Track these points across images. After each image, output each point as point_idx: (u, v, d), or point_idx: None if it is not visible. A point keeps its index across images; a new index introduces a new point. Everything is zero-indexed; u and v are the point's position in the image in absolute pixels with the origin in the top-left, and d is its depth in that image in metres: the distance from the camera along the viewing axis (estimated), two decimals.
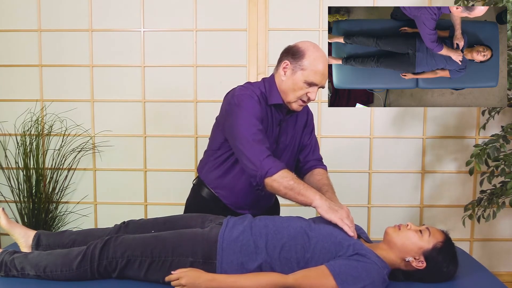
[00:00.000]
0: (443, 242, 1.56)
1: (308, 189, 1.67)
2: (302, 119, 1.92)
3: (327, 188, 1.85)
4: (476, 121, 2.85)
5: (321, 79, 1.73)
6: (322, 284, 1.45)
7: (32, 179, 2.83)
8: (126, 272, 1.59)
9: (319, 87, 1.75)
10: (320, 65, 1.71)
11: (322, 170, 1.97)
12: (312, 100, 1.76)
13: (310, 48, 1.74)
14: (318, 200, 1.65)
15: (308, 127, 1.95)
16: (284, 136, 1.85)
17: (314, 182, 1.87)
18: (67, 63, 2.91)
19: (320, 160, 2.01)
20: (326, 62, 1.74)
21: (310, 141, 1.96)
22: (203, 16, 2.86)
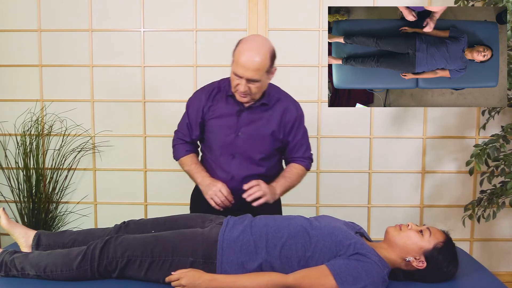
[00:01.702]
0: (444, 242, 1.56)
1: (196, 173, 1.94)
2: (277, 114, 1.93)
3: (280, 177, 1.95)
4: (476, 121, 2.85)
5: (243, 72, 1.75)
6: (322, 283, 1.45)
7: (32, 179, 2.83)
8: (126, 272, 1.59)
9: (248, 80, 1.77)
10: (242, 57, 1.75)
11: (296, 164, 2.00)
12: (242, 91, 1.80)
13: (244, 40, 1.82)
14: (199, 180, 1.91)
15: (288, 124, 1.95)
16: (245, 127, 1.90)
17: (282, 172, 2.01)
18: (67, 63, 2.91)
19: (303, 158, 2.01)
20: (251, 55, 1.75)
21: (294, 140, 1.98)
22: (203, 16, 2.86)
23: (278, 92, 2.00)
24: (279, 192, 1.91)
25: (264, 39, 1.89)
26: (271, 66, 1.84)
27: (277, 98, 1.96)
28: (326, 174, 2.92)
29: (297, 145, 1.99)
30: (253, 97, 1.86)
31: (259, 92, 1.86)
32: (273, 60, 1.84)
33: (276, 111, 1.94)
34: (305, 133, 2.02)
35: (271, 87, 1.98)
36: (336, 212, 2.74)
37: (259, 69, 1.77)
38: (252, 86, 1.80)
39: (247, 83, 1.79)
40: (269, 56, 1.80)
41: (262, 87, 1.86)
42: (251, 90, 1.81)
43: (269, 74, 1.85)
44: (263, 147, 1.93)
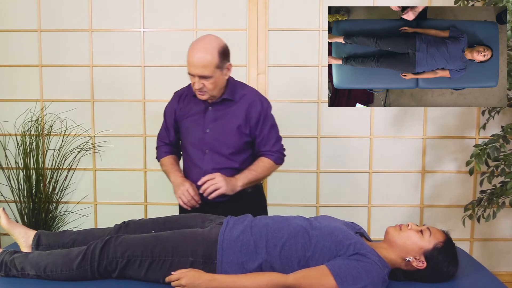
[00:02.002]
0: (444, 242, 1.56)
1: (171, 172, 2.05)
2: (242, 109, 1.97)
3: (245, 170, 1.98)
4: (476, 121, 2.85)
5: (193, 70, 1.86)
6: (322, 283, 1.45)
7: (32, 179, 2.83)
8: (126, 272, 1.59)
9: (200, 77, 1.86)
10: (191, 56, 1.86)
11: (264, 158, 2.02)
12: (197, 89, 1.88)
13: (194, 42, 1.91)
14: (172, 179, 2.02)
15: (253, 119, 1.97)
16: (213, 123, 1.98)
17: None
18: (67, 63, 2.91)
19: (271, 152, 2.01)
20: (199, 53, 1.84)
21: (261, 134, 2.00)
22: (203, 16, 2.86)
23: (244, 88, 2.04)
24: (240, 184, 1.93)
25: (214, 37, 1.94)
26: (223, 62, 1.89)
27: (242, 93, 2.00)
28: (326, 174, 2.92)
29: (264, 139, 2.01)
30: (211, 94, 1.92)
31: (216, 88, 1.92)
32: (224, 56, 1.90)
33: (241, 106, 1.97)
34: (272, 127, 2.03)
35: (238, 84, 2.04)
36: (336, 212, 2.74)
37: (206, 65, 1.84)
38: (206, 83, 1.87)
39: (200, 80, 1.86)
40: (217, 52, 1.87)
41: (218, 83, 1.91)
42: (206, 86, 1.88)
43: (223, 70, 1.91)
44: (231, 142, 1.98)
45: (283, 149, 2.07)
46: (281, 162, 2.06)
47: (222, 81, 1.93)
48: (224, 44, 1.93)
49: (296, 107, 2.88)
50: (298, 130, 2.89)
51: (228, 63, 1.93)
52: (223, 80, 1.94)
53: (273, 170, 2.05)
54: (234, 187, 1.91)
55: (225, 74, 1.93)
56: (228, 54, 1.93)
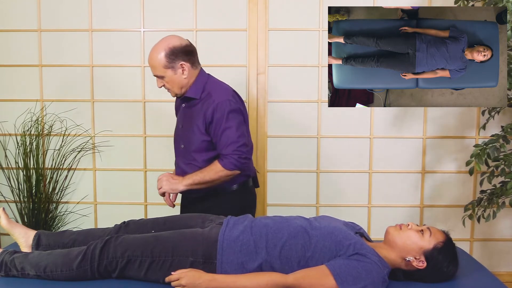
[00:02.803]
0: (444, 242, 1.56)
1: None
2: (201, 110, 1.99)
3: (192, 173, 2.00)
4: (476, 121, 2.85)
5: (151, 70, 1.98)
6: (322, 283, 1.45)
7: (32, 179, 2.83)
8: (126, 272, 1.59)
9: (157, 77, 1.98)
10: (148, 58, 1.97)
11: (215, 162, 1.98)
12: (159, 87, 2.01)
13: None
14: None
15: (208, 119, 1.97)
16: (183, 120, 2.07)
17: None
18: (67, 63, 2.91)
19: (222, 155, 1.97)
20: (150, 55, 1.95)
21: (215, 136, 1.98)
22: (203, 16, 2.86)
23: (213, 87, 2.02)
24: (184, 184, 1.95)
25: (167, 38, 1.99)
26: (172, 63, 1.93)
27: (207, 92, 2.00)
28: (326, 174, 2.92)
29: (217, 141, 1.98)
30: (175, 91, 2.01)
31: (175, 86, 1.99)
32: (173, 57, 1.93)
33: (203, 106, 1.99)
34: (227, 129, 1.94)
35: (211, 82, 2.04)
36: (336, 212, 2.74)
37: (154, 66, 1.94)
38: (164, 82, 1.98)
39: (158, 79, 1.99)
40: (164, 53, 1.92)
41: (175, 82, 1.97)
42: (166, 85, 1.99)
43: (174, 70, 1.95)
44: (193, 140, 2.01)
45: (238, 153, 1.94)
46: (234, 168, 1.94)
47: (179, 80, 1.97)
48: (175, 44, 1.95)
49: (296, 107, 2.88)
50: (298, 130, 2.89)
51: (180, 63, 1.94)
52: (180, 79, 1.97)
53: (224, 175, 1.94)
54: (175, 187, 1.96)
55: (180, 73, 1.96)
56: (180, 54, 1.94)
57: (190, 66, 1.98)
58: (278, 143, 2.91)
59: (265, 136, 2.88)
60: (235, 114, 1.96)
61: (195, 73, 2.00)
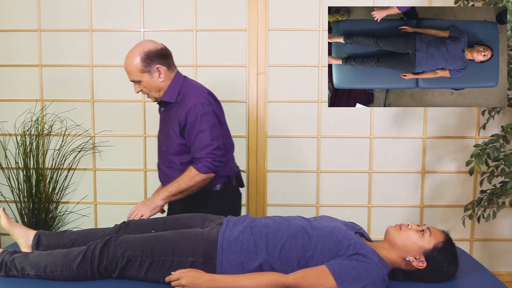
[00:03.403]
0: (444, 242, 1.56)
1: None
2: (176, 113, 2.01)
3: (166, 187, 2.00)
4: (476, 121, 2.85)
5: (127, 75, 1.99)
6: (322, 283, 1.45)
7: (32, 179, 2.83)
8: (126, 272, 1.59)
9: (133, 82, 1.99)
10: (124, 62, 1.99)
11: (190, 166, 1.98)
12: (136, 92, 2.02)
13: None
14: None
15: (182, 122, 1.98)
16: (162, 123, 2.12)
17: None
18: (67, 63, 2.91)
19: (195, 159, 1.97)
20: (125, 61, 1.96)
21: (189, 140, 1.99)
22: (203, 16, 2.86)
23: (188, 90, 2.03)
24: (160, 198, 1.96)
25: (142, 42, 2.01)
26: (148, 67, 1.95)
27: (183, 96, 2.01)
28: (326, 174, 2.92)
29: (191, 145, 1.98)
30: (154, 95, 2.03)
31: (153, 90, 2.01)
32: (148, 60, 1.95)
33: (178, 109, 2.00)
34: (200, 132, 1.95)
35: (186, 86, 2.05)
36: (336, 212, 2.74)
37: (130, 71, 1.96)
38: (141, 86, 1.99)
39: (135, 84, 2.00)
40: (140, 57, 1.94)
41: (152, 86, 1.99)
42: (143, 90, 2.01)
43: (151, 73, 1.97)
44: (171, 143, 2.04)
45: (212, 156, 1.94)
46: (209, 171, 1.94)
47: (155, 84, 1.99)
48: (150, 48, 1.96)
49: (296, 107, 2.88)
50: (298, 130, 2.89)
51: (157, 66, 1.96)
52: (157, 82, 1.99)
53: (200, 179, 1.94)
54: (153, 205, 1.95)
55: (157, 77, 1.98)
56: (155, 57, 1.96)
57: (166, 69, 1.99)
58: (278, 143, 2.91)
59: (265, 136, 2.89)
60: (209, 116, 1.97)
61: (171, 76, 2.02)
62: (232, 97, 2.87)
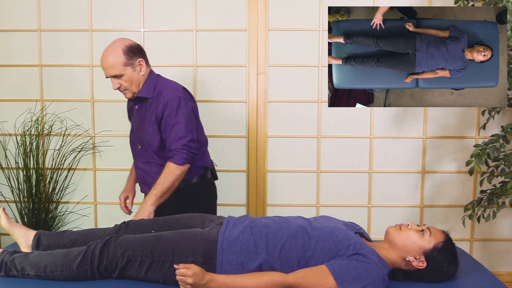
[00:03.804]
0: (444, 242, 1.56)
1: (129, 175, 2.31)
2: (153, 107, 2.03)
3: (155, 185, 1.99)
4: (476, 121, 2.85)
5: (105, 72, 2.00)
6: (322, 283, 1.45)
7: (32, 179, 2.83)
8: (126, 272, 1.59)
9: (113, 77, 1.99)
10: (100, 61, 2.00)
11: (167, 164, 1.99)
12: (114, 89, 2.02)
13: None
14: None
15: (158, 115, 2.01)
16: (138, 121, 2.10)
17: None
18: (67, 63, 2.91)
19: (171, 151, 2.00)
20: (103, 56, 1.98)
21: (165, 132, 2.01)
22: (203, 16, 2.86)
23: (163, 86, 2.07)
24: (150, 204, 1.95)
25: (119, 39, 2.03)
26: (131, 60, 1.98)
27: (159, 91, 2.04)
28: (326, 174, 2.92)
29: (167, 137, 2.01)
30: (132, 91, 2.03)
31: (134, 85, 2.02)
32: (131, 53, 1.99)
33: (155, 104, 2.02)
34: (176, 124, 1.99)
35: (160, 81, 2.09)
36: (336, 212, 2.74)
37: (112, 65, 1.96)
38: (121, 81, 1.99)
39: (115, 80, 1.99)
40: (122, 51, 1.97)
41: (133, 80, 2.01)
42: (123, 85, 2.00)
43: (133, 67, 2.00)
44: (151, 139, 2.04)
45: (187, 148, 1.98)
46: (185, 162, 1.98)
47: (137, 78, 2.02)
48: (130, 42, 2.01)
49: (296, 107, 2.88)
50: (298, 130, 2.89)
51: (138, 59, 2.00)
52: (138, 76, 2.02)
53: (180, 173, 1.98)
54: (147, 215, 1.94)
55: (138, 70, 2.01)
56: (136, 51, 2.02)
57: (145, 63, 2.04)
58: (278, 143, 2.91)
59: (265, 136, 2.89)
60: (184, 110, 2.01)
61: (147, 71, 2.06)
62: (232, 97, 2.87)
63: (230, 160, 2.91)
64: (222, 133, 2.90)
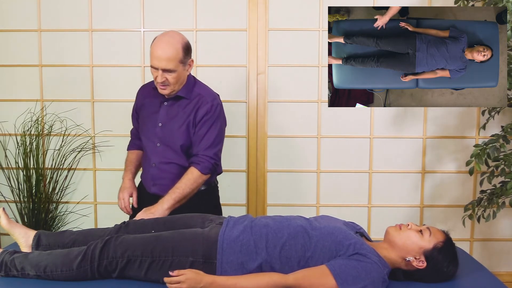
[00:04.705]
0: (444, 242, 1.56)
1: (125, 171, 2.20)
2: (193, 108, 2.00)
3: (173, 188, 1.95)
4: (476, 121, 2.85)
5: (157, 63, 1.89)
6: (322, 283, 1.45)
7: (32, 179, 2.83)
8: (126, 272, 1.59)
9: (163, 70, 1.89)
10: (155, 49, 1.90)
11: (191, 169, 1.98)
12: (161, 83, 1.92)
13: (157, 37, 1.95)
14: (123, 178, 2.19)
15: (197, 117, 1.99)
16: (165, 118, 2.03)
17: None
18: (67, 63, 2.91)
19: (203, 156, 1.98)
20: (163, 47, 1.88)
21: (198, 132, 1.99)
22: (203, 16, 2.86)
23: (200, 87, 2.06)
24: (166, 207, 1.90)
25: (177, 33, 1.98)
26: (186, 58, 1.94)
27: (197, 93, 2.02)
28: (326, 174, 2.92)
29: (199, 138, 1.99)
30: (173, 88, 1.96)
31: (177, 83, 1.96)
32: (187, 52, 1.95)
33: (193, 106, 2.00)
34: (213, 129, 1.98)
35: (197, 83, 2.07)
36: (336, 212, 2.74)
37: (170, 58, 1.88)
38: (169, 77, 1.91)
39: (164, 74, 1.90)
40: (181, 47, 1.91)
41: (180, 78, 1.95)
42: (169, 80, 1.92)
43: (185, 66, 1.96)
44: (180, 139, 2.00)
45: (215, 158, 1.99)
46: (209, 173, 1.98)
47: (184, 76, 1.98)
48: (187, 40, 1.98)
49: (296, 107, 2.88)
50: (298, 130, 2.89)
51: (190, 59, 1.98)
52: (185, 75, 1.99)
53: (201, 181, 1.98)
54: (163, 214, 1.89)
55: (187, 69, 1.98)
56: (190, 51, 1.98)
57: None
58: (278, 143, 2.91)
59: (265, 136, 2.89)
60: (222, 120, 2.04)
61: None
62: (232, 97, 2.87)
63: (230, 160, 2.90)
64: None
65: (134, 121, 2.24)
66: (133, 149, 2.24)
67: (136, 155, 2.21)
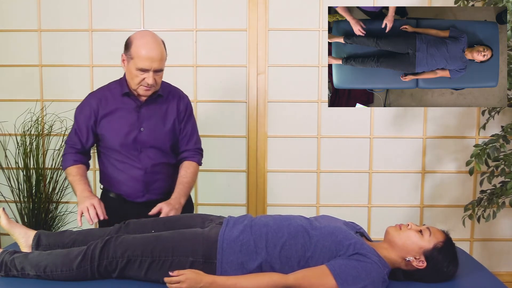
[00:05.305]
0: (444, 242, 1.56)
1: (78, 184, 1.91)
2: (173, 104, 2.00)
3: (179, 184, 1.96)
4: (476, 121, 2.85)
5: (149, 64, 1.82)
6: (322, 283, 1.45)
7: (32, 179, 2.83)
8: (126, 272, 1.59)
9: (155, 71, 1.83)
10: (143, 51, 1.82)
11: (188, 163, 2.01)
12: (151, 84, 1.84)
13: (137, 37, 1.87)
14: (79, 192, 1.88)
15: (181, 114, 2.00)
16: (147, 121, 1.95)
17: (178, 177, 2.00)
18: (67, 63, 2.91)
19: (194, 151, 2.04)
20: (151, 48, 1.82)
21: (185, 130, 2.01)
22: (203, 16, 2.86)
23: (167, 84, 2.06)
24: (183, 201, 1.94)
25: (151, 32, 1.94)
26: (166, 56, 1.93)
27: (168, 89, 2.02)
28: (326, 174, 2.92)
29: (187, 136, 2.03)
30: (156, 88, 1.92)
31: (160, 82, 1.93)
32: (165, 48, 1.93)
33: (172, 102, 2.00)
34: (195, 123, 2.07)
35: (165, 82, 2.06)
36: (336, 212, 2.74)
37: (163, 58, 1.86)
38: (157, 77, 1.87)
39: (154, 74, 1.84)
40: (164, 46, 1.90)
41: (162, 77, 1.94)
42: (157, 81, 1.88)
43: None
44: (168, 138, 1.99)
45: (201, 150, 2.10)
46: (201, 164, 2.08)
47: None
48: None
49: (296, 107, 2.88)
50: (298, 130, 2.89)
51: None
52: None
53: (197, 173, 2.06)
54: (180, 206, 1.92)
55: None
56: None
57: None
58: (278, 143, 2.91)
59: (265, 136, 2.89)
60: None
61: None
62: (232, 97, 2.87)
63: (230, 160, 2.91)
64: (222, 133, 2.90)
65: (81, 135, 1.98)
66: (78, 164, 1.99)
67: (83, 170, 2.00)
